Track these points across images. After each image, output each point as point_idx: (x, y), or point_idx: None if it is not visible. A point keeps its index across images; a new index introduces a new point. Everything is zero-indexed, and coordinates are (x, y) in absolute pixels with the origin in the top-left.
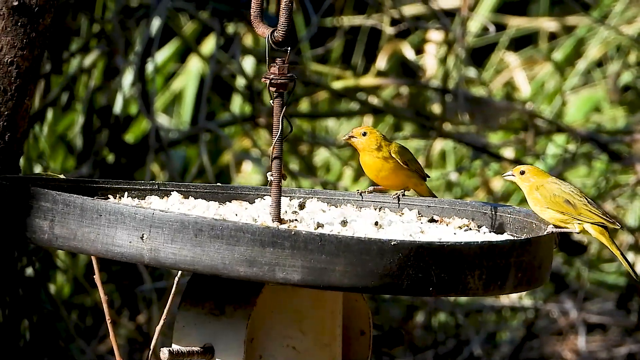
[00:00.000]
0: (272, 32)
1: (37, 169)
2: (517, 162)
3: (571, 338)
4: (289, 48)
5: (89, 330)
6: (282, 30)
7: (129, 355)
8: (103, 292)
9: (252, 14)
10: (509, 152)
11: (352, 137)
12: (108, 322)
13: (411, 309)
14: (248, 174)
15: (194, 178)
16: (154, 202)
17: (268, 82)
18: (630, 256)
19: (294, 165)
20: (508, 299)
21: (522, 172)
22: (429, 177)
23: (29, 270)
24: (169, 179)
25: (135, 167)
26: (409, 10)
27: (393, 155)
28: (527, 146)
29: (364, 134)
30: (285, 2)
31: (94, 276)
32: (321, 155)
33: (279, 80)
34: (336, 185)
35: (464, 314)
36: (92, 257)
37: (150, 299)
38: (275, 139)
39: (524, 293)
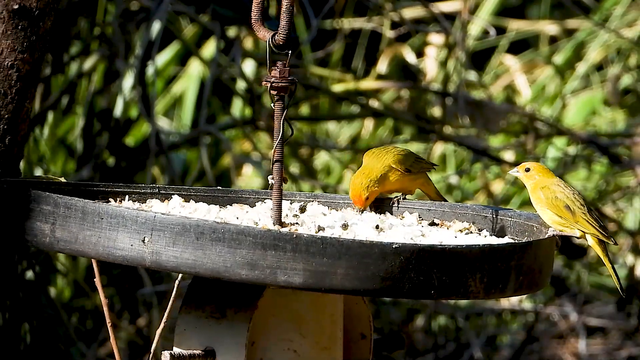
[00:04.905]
0: (273, 36)
1: (38, 172)
2: (517, 165)
3: (571, 341)
4: (290, 51)
5: (90, 333)
6: (283, 34)
7: (129, 359)
8: (103, 296)
9: (252, 17)
10: (509, 155)
11: (366, 204)
12: (108, 325)
13: (411, 312)
14: (248, 177)
15: (195, 181)
16: (154, 206)
17: (269, 85)
18: (630, 259)
19: (294, 169)
20: (508, 302)
21: (527, 170)
22: (437, 165)
23: (29, 274)
24: (170, 182)
25: (135, 170)
26: (410, 13)
27: (393, 165)
28: (528, 149)
29: (366, 199)
30: (286, 5)
31: (95, 279)
32: (321, 158)
33: (280, 84)
34: (337, 189)
35: (464, 317)
36: (93, 260)
37: (151, 302)
38: (276, 142)
39: (524, 296)
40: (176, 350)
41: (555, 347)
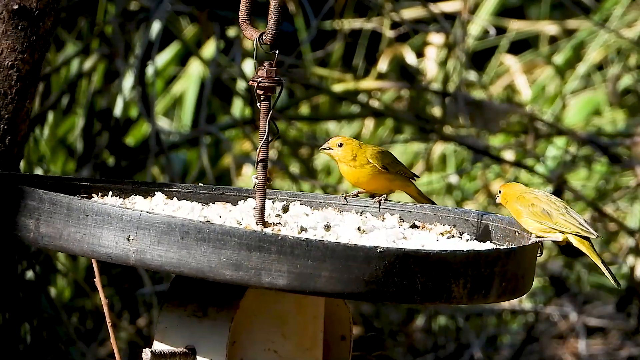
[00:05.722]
0: (261, 35)
1: (38, 172)
2: (517, 164)
3: (571, 341)
4: (277, 51)
5: (90, 333)
6: (270, 34)
7: (129, 359)
8: (103, 295)
9: (240, 16)
10: (509, 155)
11: (329, 148)
12: (109, 325)
13: (412, 312)
14: (248, 177)
15: (195, 181)
16: (138, 203)
17: (255, 85)
18: (630, 259)
19: (295, 169)
20: (508, 303)
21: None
22: (417, 176)
23: (30, 274)
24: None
25: (135, 170)
26: (409, 13)
27: (370, 160)
28: (527, 149)
29: (340, 145)
30: (274, 5)
31: (95, 279)
32: (321, 158)
33: (266, 84)
34: (336, 189)
35: (464, 318)
36: (93, 260)
37: (151, 302)
38: (262, 142)
39: (524, 296)
40: (157, 347)
41: (555, 347)
